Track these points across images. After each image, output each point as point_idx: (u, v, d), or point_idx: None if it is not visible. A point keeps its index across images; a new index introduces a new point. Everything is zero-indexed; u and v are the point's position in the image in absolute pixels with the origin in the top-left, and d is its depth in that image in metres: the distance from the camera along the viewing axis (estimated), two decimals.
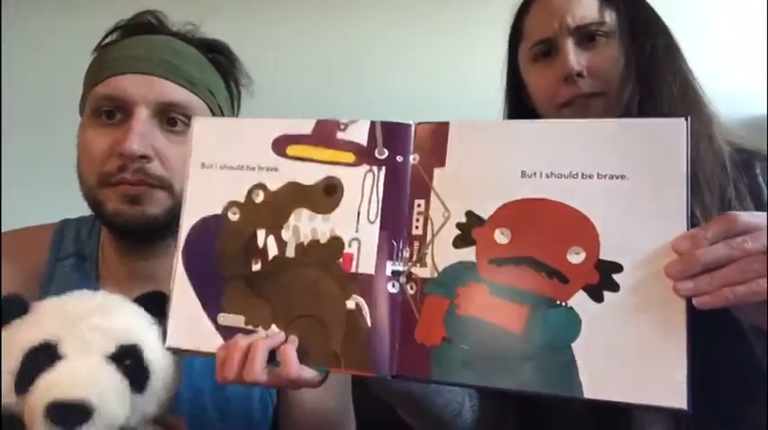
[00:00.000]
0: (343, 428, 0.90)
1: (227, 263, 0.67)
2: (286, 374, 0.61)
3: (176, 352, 0.68)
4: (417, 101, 1.78)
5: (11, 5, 1.60)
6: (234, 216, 0.68)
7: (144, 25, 0.85)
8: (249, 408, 0.85)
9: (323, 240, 0.65)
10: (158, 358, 0.66)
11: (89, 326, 0.63)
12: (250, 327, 0.65)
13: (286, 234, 0.66)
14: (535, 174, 0.61)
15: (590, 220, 0.59)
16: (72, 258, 0.87)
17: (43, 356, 0.61)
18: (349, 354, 0.63)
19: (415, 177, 0.65)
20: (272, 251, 0.66)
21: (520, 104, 0.90)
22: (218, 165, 0.69)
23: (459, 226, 0.63)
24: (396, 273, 0.64)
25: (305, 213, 0.66)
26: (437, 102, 1.78)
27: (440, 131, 0.65)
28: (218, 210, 0.68)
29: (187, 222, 0.69)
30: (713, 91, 0.82)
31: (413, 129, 0.66)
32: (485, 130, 0.64)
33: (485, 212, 0.62)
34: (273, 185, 0.67)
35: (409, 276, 0.63)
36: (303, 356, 0.63)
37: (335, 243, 0.65)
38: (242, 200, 0.68)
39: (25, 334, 0.62)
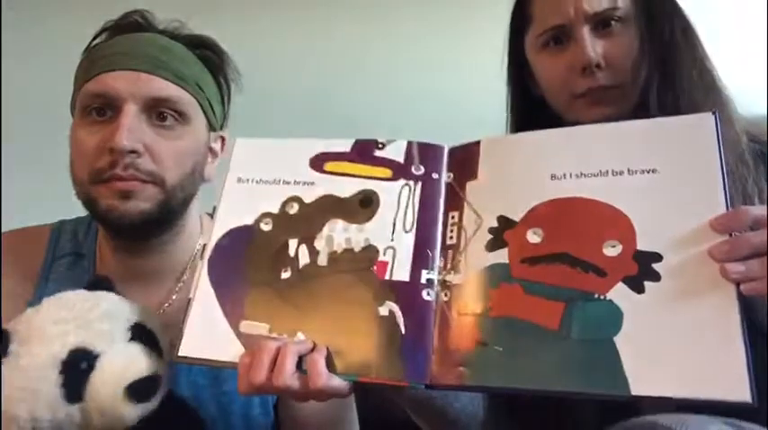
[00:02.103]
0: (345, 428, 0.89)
1: (255, 271, 0.66)
2: (314, 384, 0.58)
3: (188, 361, 0.65)
4: (417, 98, 1.79)
5: (10, 6, 1.62)
6: (266, 226, 0.68)
7: (131, 24, 0.85)
8: (249, 404, 0.85)
9: (357, 249, 0.65)
10: (154, 325, 0.72)
11: (98, 321, 0.67)
12: (274, 335, 0.63)
13: (319, 243, 0.66)
14: (564, 175, 0.61)
15: (624, 213, 0.58)
16: (69, 257, 0.87)
17: (81, 361, 0.64)
18: (380, 363, 0.60)
19: (449, 192, 0.66)
20: (304, 260, 0.65)
21: (525, 92, 0.87)
22: (254, 180, 0.70)
23: (491, 230, 0.62)
24: (430, 282, 0.63)
25: (339, 223, 0.66)
26: (437, 99, 1.79)
27: (472, 149, 0.67)
28: (250, 221, 0.68)
29: (216, 233, 0.69)
30: None
31: (446, 151, 0.68)
32: (514, 142, 0.67)
33: (516, 215, 0.62)
34: (309, 198, 0.68)
35: (443, 284, 0.63)
36: (331, 365, 0.60)
37: (369, 251, 0.65)
38: (276, 211, 0.68)
39: (44, 351, 0.64)
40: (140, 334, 0.69)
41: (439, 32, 1.81)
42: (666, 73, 0.75)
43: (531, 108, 0.87)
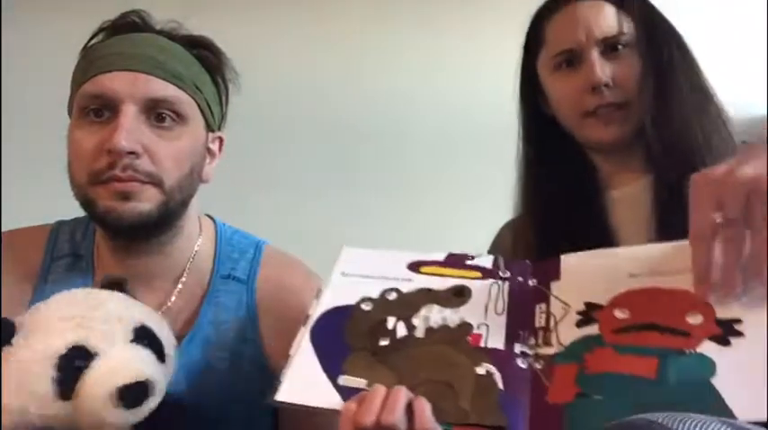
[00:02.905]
0: None
1: (354, 338, 0.71)
2: (420, 425, 0.61)
3: (285, 405, 0.68)
4: (415, 100, 1.79)
5: (10, 7, 1.62)
6: (366, 306, 0.73)
7: (129, 25, 0.84)
8: (247, 409, 0.85)
9: (452, 325, 0.70)
10: (159, 328, 0.72)
11: (101, 320, 0.67)
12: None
13: (416, 321, 0.71)
14: (641, 273, 0.68)
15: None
16: (67, 258, 0.87)
17: (78, 359, 0.64)
18: (479, 410, 0.63)
19: (535, 290, 0.73)
20: (401, 332, 0.70)
21: (536, 110, 0.92)
22: (357, 275, 0.77)
23: (579, 313, 0.68)
24: (524, 353, 0.67)
25: (435, 307, 0.72)
26: (437, 100, 1.79)
27: (553, 261, 0.74)
28: (352, 302, 0.74)
29: (320, 310, 0.74)
30: None
31: (529, 264, 0.76)
32: (592, 254, 0.73)
33: (602, 301, 0.68)
34: (406, 289, 0.75)
35: (536, 356, 0.67)
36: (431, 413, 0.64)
37: (464, 326, 0.69)
38: (376, 296, 0.74)
39: (43, 345, 0.65)
40: (144, 336, 0.70)
41: (439, 35, 1.81)
42: (662, 96, 0.81)
43: (541, 126, 0.91)
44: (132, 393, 0.64)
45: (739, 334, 0.60)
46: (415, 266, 0.77)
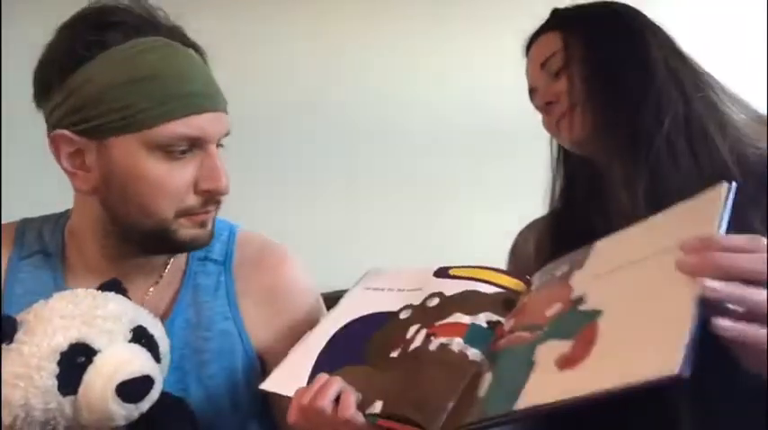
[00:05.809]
0: None
1: (372, 353, 0.74)
2: (342, 412, 0.67)
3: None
4: (421, 100, 1.79)
5: (11, 5, 1.62)
6: (404, 315, 0.76)
7: (143, 23, 0.79)
8: (235, 388, 0.86)
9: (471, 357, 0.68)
10: (155, 330, 0.75)
11: (102, 319, 0.70)
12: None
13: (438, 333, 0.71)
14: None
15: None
16: (36, 256, 0.87)
17: (80, 355, 0.67)
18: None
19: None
20: (417, 343, 0.71)
21: None
22: (382, 289, 0.82)
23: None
24: None
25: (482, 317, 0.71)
26: (443, 100, 1.79)
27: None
28: (393, 309, 0.77)
29: (341, 321, 0.78)
30: None
31: None
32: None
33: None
34: (449, 292, 0.75)
35: None
36: (363, 408, 0.68)
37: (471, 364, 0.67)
38: (417, 303, 0.77)
39: (46, 341, 0.67)
40: (141, 336, 0.72)
41: (442, 35, 1.81)
42: (613, 97, 0.84)
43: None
44: (134, 388, 0.67)
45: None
46: (442, 272, 0.79)
